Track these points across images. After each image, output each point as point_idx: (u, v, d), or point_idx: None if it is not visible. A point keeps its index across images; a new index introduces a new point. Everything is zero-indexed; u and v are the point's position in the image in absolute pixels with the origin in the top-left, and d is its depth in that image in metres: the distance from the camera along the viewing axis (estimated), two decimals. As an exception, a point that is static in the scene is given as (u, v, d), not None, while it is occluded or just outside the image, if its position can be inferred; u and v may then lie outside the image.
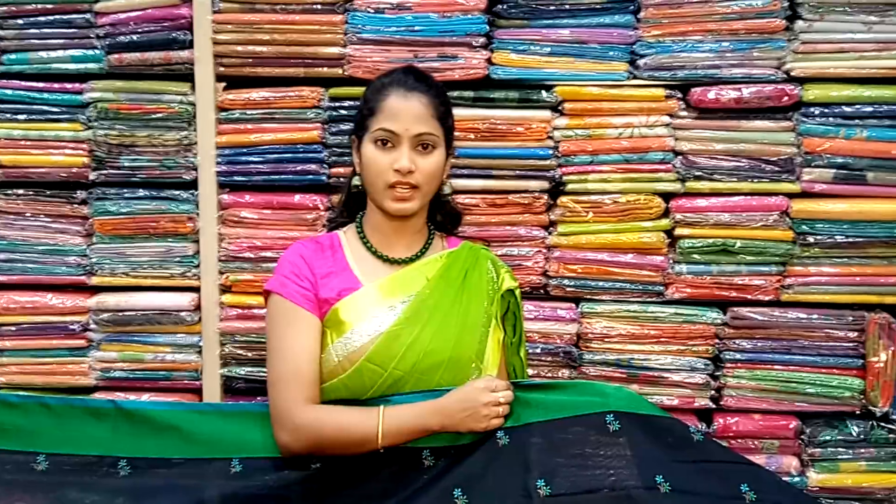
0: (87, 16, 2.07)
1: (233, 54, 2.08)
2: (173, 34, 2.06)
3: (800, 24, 1.95)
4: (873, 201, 1.97)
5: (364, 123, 1.57)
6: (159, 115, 2.09)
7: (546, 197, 2.05)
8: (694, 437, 1.44)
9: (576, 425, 1.43)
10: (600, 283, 2.05)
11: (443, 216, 1.70)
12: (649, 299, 2.05)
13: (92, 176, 2.12)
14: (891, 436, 1.99)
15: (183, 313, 2.13)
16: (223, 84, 2.13)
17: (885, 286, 1.99)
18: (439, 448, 1.45)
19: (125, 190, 2.13)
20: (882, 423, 2.00)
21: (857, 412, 2.02)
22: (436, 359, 1.51)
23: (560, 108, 2.04)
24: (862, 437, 1.99)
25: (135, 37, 2.07)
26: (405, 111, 1.53)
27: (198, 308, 2.14)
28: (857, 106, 1.95)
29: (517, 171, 2.05)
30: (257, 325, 2.12)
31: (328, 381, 1.53)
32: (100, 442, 1.55)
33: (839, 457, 2.00)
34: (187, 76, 2.09)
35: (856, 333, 2.00)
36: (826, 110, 1.96)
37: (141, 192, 2.13)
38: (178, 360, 2.15)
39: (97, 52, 2.09)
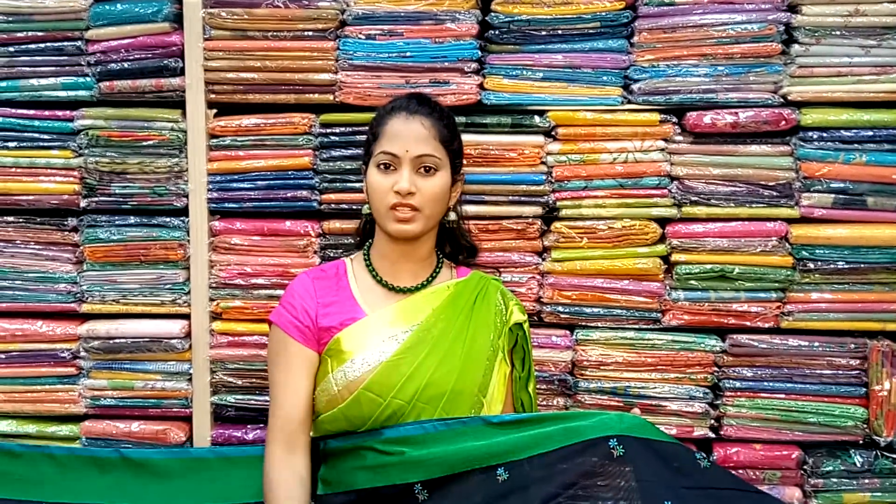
0: (78, 43, 2.06)
1: (224, 81, 2.07)
2: (164, 61, 2.05)
3: (796, 47, 1.92)
4: (874, 226, 1.93)
5: (369, 150, 1.59)
6: (150, 143, 2.08)
7: (539, 223, 2.03)
8: (701, 464, 1.40)
9: (578, 454, 1.40)
10: (595, 310, 2.02)
11: (453, 246, 1.68)
12: (646, 326, 2.02)
13: (83, 203, 2.11)
14: (895, 466, 1.93)
15: (173, 340, 2.10)
16: (214, 111, 2.12)
17: (887, 313, 1.95)
18: (433, 481, 1.41)
19: (116, 217, 2.11)
20: (886, 453, 1.95)
21: (861, 441, 1.97)
22: (437, 390, 1.49)
23: (553, 133, 2.01)
24: (866, 467, 1.94)
25: (126, 64, 2.06)
26: (405, 133, 1.54)
27: (188, 335, 2.12)
28: (856, 130, 1.92)
29: (510, 197, 2.02)
30: (248, 352, 2.09)
31: (327, 410, 1.52)
32: (103, 491, 1.57)
33: (843, 487, 1.95)
34: (178, 103, 2.08)
35: (858, 361, 1.96)
36: (824, 135, 1.93)
37: (132, 220, 2.12)
38: (168, 388, 2.12)
39: (88, 79, 2.08)
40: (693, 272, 1.97)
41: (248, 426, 2.11)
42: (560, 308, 2.02)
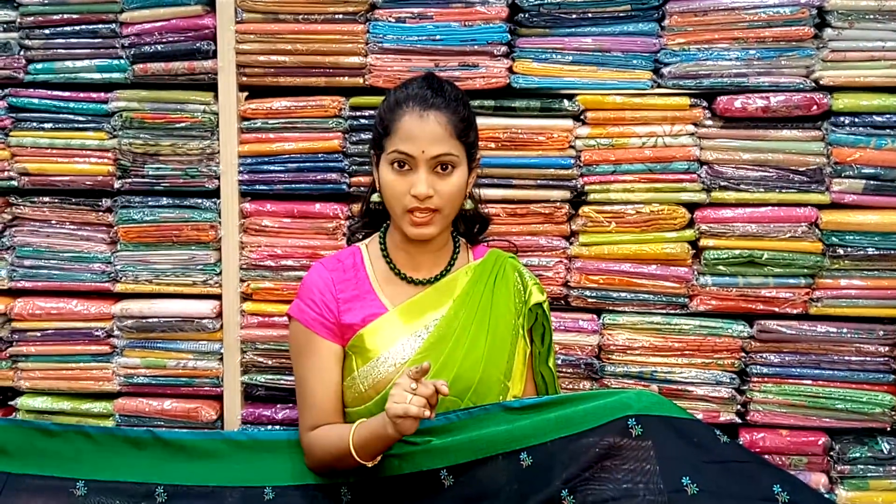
0: (113, 26, 2.09)
1: (255, 64, 2.08)
2: (197, 44, 2.07)
3: (828, 31, 1.91)
4: (905, 213, 1.92)
5: (380, 142, 1.55)
6: (183, 125, 2.11)
7: (567, 207, 2.03)
8: (721, 439, 1.41)
9: (598, 435, 1.40)
10: (623, 295, 2.02)
11: (467, 224, 1.68)
12: (673, 311, 2.02)
13: (117, 184, 2.14)
14: (923, 454, 1.93)
15: (205, 321, 2.14)
16: (245, 94, 2.14)
17: (918, 300, 1.94)
18: (458, 466, 1.43)
19: (149, 198, 2.15)
20: (913, 441, 1.94)
21: (888, 429, 1.97)
22: (465, 383, 1.50)
23: (582, 117, 2.01)
24: (893, 454, 1.94)
25: (159, 47, 2.08)
26: (421, 132, 1.48)
27: (219, 315, 2.15)
28: (888, 115, 1.90)
29: (538, 181, 2.03)
30: (277, 332, 2.12)
31: (356, 406, 1.54)
32: (138, 469, 1.59)
33: (869, 474, 1.95)
34: (210, 86, 2.10)
35: (887, 348, 1.95)
36: (856, 120, 1.91)
37: (164, 201, 2.15)
38: (199, 367, 2.16)
39: (122, 61, 2.11)
40: (721, 257, 1.97)
41: (278, 405, 2.14)
42: (587, 292, 2.03)
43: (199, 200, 2.14)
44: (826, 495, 1.93)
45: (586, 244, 2.02)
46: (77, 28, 2.10)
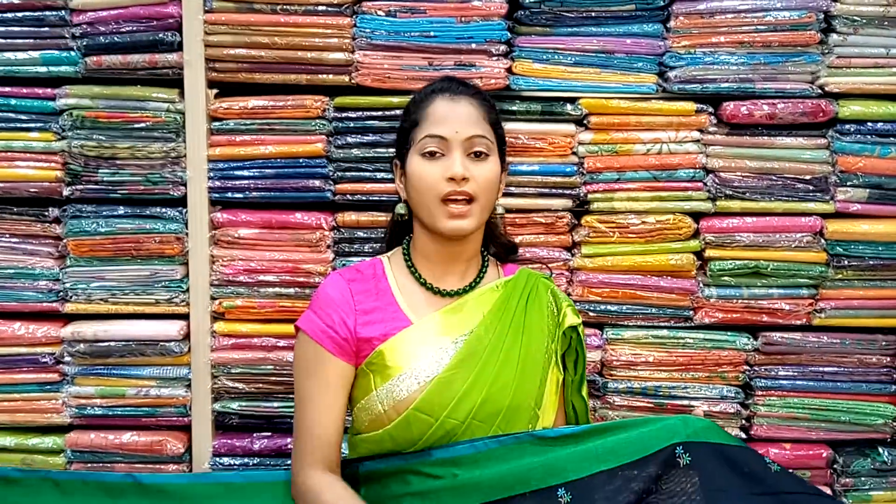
0: (62, 13, 1.85)
1: (227, 58, 1.89)
2: (160, 35, 1.86)
3: (834, 37, 1.87)
4: (907, 222, 1.90)
5: (407, 138, 1.42)
6: (143, 125, 1.89)
7: (569, 216, 1.92)
8: (771, 468, 1.32)
9: (644, 466, 1.29)
10: (626, 308, 1.94)
11: (496, 245, 1.55)
12: (677, 324, 1.94)
13: (66, 192, 1.91)
14: (924, 464, 1.92)
15: (170, 343, 1.93)
16: (215, 91, 1.94)
17: (918, 309, 1.93)
18: None
19: (104, 207, 1.92)
20: (914, 451, 1.94)
21: (889, 439, 1.96)
22: (494, 407, 1.36)
23: (585, 121, 1.91)
24: (894, 465, 1.92)
25: (116, 37, 1.86)
26: (453, 114, 1.39)
27: (187, 337, 1.95)
28: (893, 123, 1.88)
29: (539, 189, 1.91)
30: (254, 355, 1.94)
31: (371, 431, 1.37)
32: None
33: (872, 486, 1.93)
34: (175, 81, 1.89)
35: (888, 358, 1.94)
36: (861, 127, 1.88)
37: (121, 210, 1.93)
38: (163, 395, 1.95)
39: (72, 53, 1.87)
40: (727, 268, 1.91)
41: (254, 435, 1.96)
42: (590, 306, 1.93)
43: (163, 209, 1.93)
44: None
45: (589, 255, 1.92)
46: (19, 15, 1.87)
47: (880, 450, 1.94)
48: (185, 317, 1.95)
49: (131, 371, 1.94)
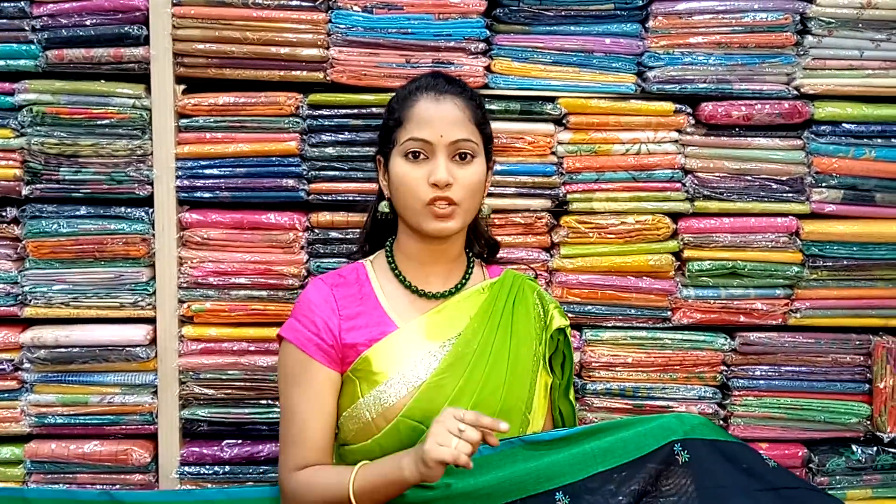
0: (21, 4, 1.78)
1: (196, 53, 1.82)
2: (125, 28, 1.79)
3: (809, 39, 1.88)
4: (881, 223, 1.92)
5: (390, 137, 1.37)
6: (107, 121, 1.82)
7: (548, 216, 1.90)
8: (769, 464, 1.32)
9: (642, 466, 1.28)
10: (605, 309, 1.92)
11: (480, 244, 1.51)
12: (656, 325, 1.93)
13: (25, 191, 1.83)
14: (896, 461, 1.95)
15: (136, 348, 1.85)
16: (182, 87, 1.88)
17: (891, 309, 1.95)
18: None
19: (65, 207, 1.85)
20: (887, 449, 1.95)
21: (862, 438, 1.97)
22: (486, 410, 1.31)
23: (564, 121, 1.89)
24: (868, 463, 1.94)
25: (79, 30, 1.79)
26: (438, 116, 1.34)
27: (153, 342, 1.87)
28: (866, 125, 1.90)
29: (518, 189, 1.89)
30: (224, 360, 1.88)
31: (360, 441, 1.32)
32: None
33: (846, 485, 1.94)
34: (142, 77, 1.82)
35: (862, 357, 1.95)
36: (836, 129, 1.90)
37: (84, 210, 1.85)
38: (129, 403, 1.88)
39: (33, 46, 1.79)
40: (705, 269, 1.90)
41: (224, 442, 1.89)
42: (569, 307, 1.91)
43: (128, 209, 1.85)
44: None
45: (568, 256, 1.90)
46: (-25, 4, 1.76)
47: (854, 448, 1.95)
48: (152, 321, 1.88)
49: (94, 378, 1.87)
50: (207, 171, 1.86)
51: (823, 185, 1.91)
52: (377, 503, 1.25)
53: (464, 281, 1.44)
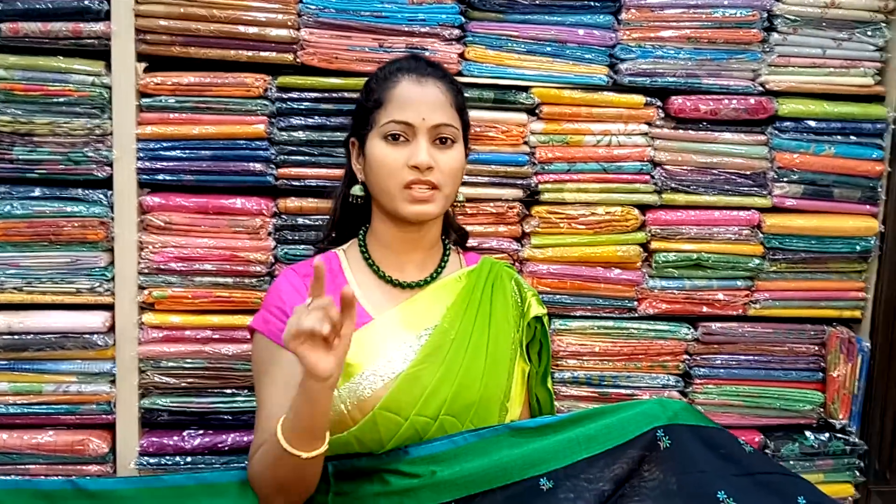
0: (-28, -28, 1.67)
1: (159, 30, 1.76)
2: (85, 2, 1.71)
3: (775, 36, 1.91)
4: (838, 217, 1.98)
5: (368, 119, 1.34)
6: (65, 99, 1.74)
7: (520, 206, 1.90)
8: (745, 449, 1.35)
9: (626, 452, 1.28)
10: (574, 299, 1.93)
11: (453, 230, 1.50)
12: (622, 315, 1.96)
13: (-25, 170, 1.74)
14: (847, 447, 2.02)
15: (94, 336, 1.79)
16: (144, 65, 1.80)
17: (845, 300, 2.01)
18: (468, 498, 1.26)
19: (19, 188, 1.76)
20: (838, 435, 2.02)
21: (815, 424, 2.04)
22: (466, 400, 1.32)
23: (537, 111, 1.89)
24: (821, 449, 2.01)
25: (36, 3, 1.70)
26: (420, 98, 1.32)
27: (112, 329, 1.81)
28: (827, 122, 1.95)
29: (490, 178, 1.88)
30: (187, 348, 1.82)
31: (336, 433, 1.30)
32: None
33: (800, 469, 2.01)
34: (102, 53, 1.74)
35: (816, 347, 2.02)
36: (798, 125, 1.94)
37: (39, 191, 1.77)
38: (85, 392, 1.81)
39: (-16, 17, 1.69)
40: (671, 260, 1.93)
41: (185, 433, 1.84)
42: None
43: (86, 191, 1.78)
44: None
45: (539, 246, 1.90)
46: (-79, -30, 1.66)
47: (808, 434, 2.02)
48: (110, 307, 1.81)
49: (49, 366, 1.79)
50: (170, 153, 1.80)
51: (785, 179, 1.95)
52: (305, 435, 1.17)
53: (440, 269, 1.43)
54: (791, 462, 2.01)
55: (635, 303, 1.96)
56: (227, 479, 1.37)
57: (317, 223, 1.84)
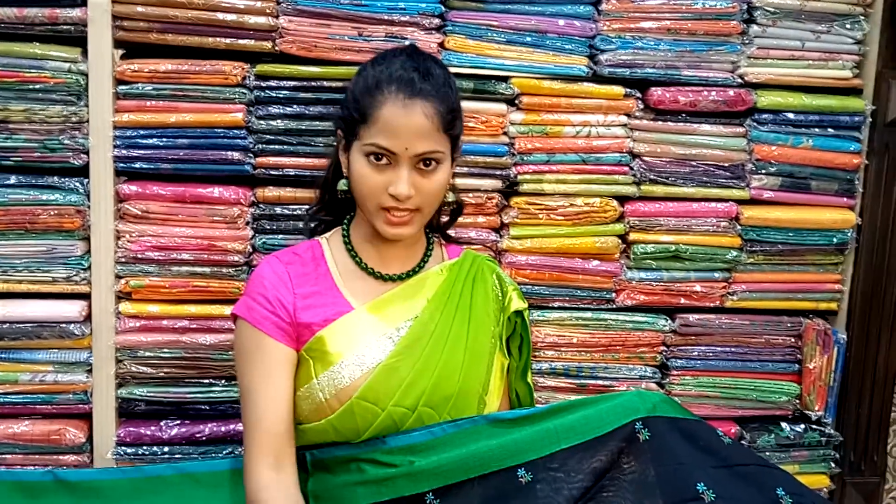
0: (-55, -45, 1.65)
1: (136, 16, 1.74)
2: (61, -13, 1.69)
3: (754, 28, 1.92)
4: (815, 209, 1.99)
5: (353, 129, 1.32)
6: (41, 86, 1.72)
7: (499, 197, 1.90)
8: (724, 441, 1.35)
9: (604, 443, 1.28)
10: (553, 290, 1.94)
11: (442, 214, 1.50)
12: (600, 306, 1.97)
13: (-52, 157, 1.72)
14: (822, 438, 2.04)
15: (70, 325, 1.78)
16: (121, 51, 1.79)
17: (821, 293, 2.03)
18: (446, 488, 1.26)
19: (-6, 176, 1.75)
20: (814, 426, 2.04)
21: (791, 416, 2.06)
22: (444, 393, 1.32)
23: (517, 101, 1.89)
24: (796, 440, 2.03)
25: (9, -13, 1.68)
26: (405, 126, 1.26)
27: (88, 318, 1.80)
28: (805, 115, 1.96)
29: (470, 169, 1.88)
30: (164, 337, 1.82)
31: (313, 420, 1.30)
32: None
33: (776, 460, 2.02)
34: (78, 40, 1.73)
35: (793, 339, 2.03)
36: (777, 117, 1.95)
37: (14, 179, 1.75)
38: (62, 381, 1.80)
39: (-43, 2, 1.67)
40: (649, 251, 1.94)
41: (163, 422, 1.84)
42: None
43: (62, 179, 1.77)
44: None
45: (517, 237, 1.91)
46: None
47: (783, 425, 2.04)
48: (87, 296, 1.80)
49: (25, 355, 1.79)
50: (147, 141, 1.78)
51: (763, 171, 1.96)
52: None
53: (423, 262, 1.43)
54: (767, 453, 2.03)
55: (613, 294, 1.96)
56: (206, 469, 1.37)
57: (295, 213, 1.84)
